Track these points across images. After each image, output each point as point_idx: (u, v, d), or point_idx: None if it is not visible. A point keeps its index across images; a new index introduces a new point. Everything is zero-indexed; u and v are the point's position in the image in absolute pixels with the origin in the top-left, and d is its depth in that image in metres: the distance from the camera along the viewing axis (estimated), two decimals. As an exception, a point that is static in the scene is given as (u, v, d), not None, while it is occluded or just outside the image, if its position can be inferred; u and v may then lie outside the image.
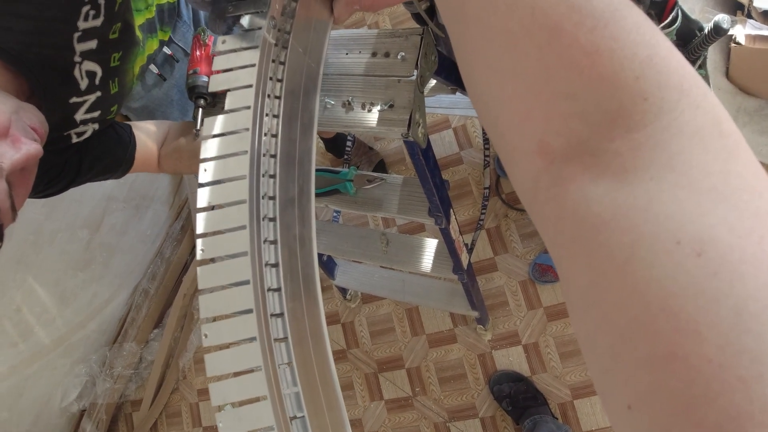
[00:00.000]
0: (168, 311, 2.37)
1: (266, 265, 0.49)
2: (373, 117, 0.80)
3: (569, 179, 0.27)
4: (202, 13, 1.10)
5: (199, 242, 0.48)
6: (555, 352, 1.72)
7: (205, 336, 0.44)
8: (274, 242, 0.51)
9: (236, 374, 0.44)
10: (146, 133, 0.98)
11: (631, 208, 0.24)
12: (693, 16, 0.82)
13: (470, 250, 1.29)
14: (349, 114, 0.82)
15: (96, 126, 0.86)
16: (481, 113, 0.33)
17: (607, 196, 0.25)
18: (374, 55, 0.84)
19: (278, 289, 0.49)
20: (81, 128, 0.83)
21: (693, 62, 0.79)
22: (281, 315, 0.48)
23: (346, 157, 1.84)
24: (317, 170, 1.12)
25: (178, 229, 2.42)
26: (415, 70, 0.80)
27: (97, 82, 0.80)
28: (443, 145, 2.00)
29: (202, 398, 2.27)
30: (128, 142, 0.95)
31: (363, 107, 0.81)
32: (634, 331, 0.22)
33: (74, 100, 0.78)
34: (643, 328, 0.22)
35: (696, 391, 0.20)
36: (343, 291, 1.95)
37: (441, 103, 1.71)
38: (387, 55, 0.83)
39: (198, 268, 0.46)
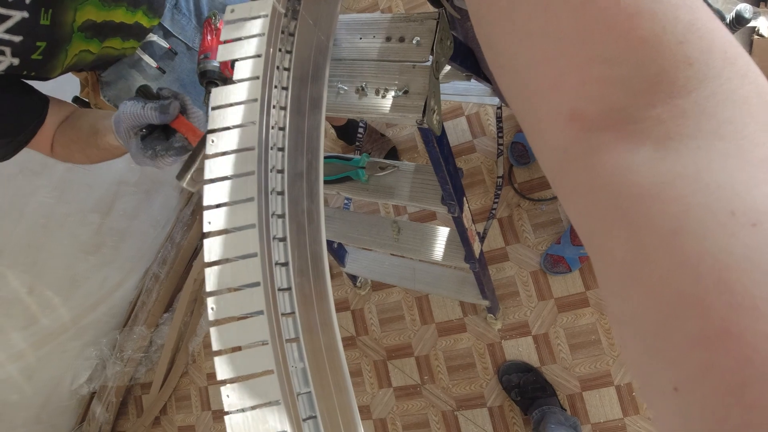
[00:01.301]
0: (178, 296, 2.38)
1: (274, 239, 0.48)
2: (387, 103, 0.78)
3: (605, 148, 0.26)
4: (204, 4, 1.08)
5: (206, 214, 0.47)
6: (565, 344, 1.71)
7: (212, 309, 0.44)
8: (282, 216, 0.50)
9: (243, 348, 0.43)
10: (59, 108, 0.92)
11: (678, 176, 0.22)
12: (716, 6, 0.79)
13: (482, 239, 1.28)
14: (363, 100, 0.80)
15: (14, 61, 0.77)
16: (504, 82, 0.31)
17: (649, 165, 0.23)
18: (388, 39, 0.82)
19: (286, 264, 0.48)
20: None
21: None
22: (289, 289, 0.47)
23: (357, 144, 1.83)
24: (329, 157, 1.11)
25: (188, 214, 2.42)
26: (431, 56, 0.78)
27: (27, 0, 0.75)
28: (456, 132, 1.98)
29: (211, 382, 2.29)
30: (39, 113, 0.87)
31: (377, 93, 0.79)
32: (684, 308, 0.21)
33: None
34: (693, 303, 0.20)
35: (751, 371, 0.18)
36: (353, 278, 1.94)
37: (455, 89, 1.68)
38: (402, 39, 0.82)
39: (205, 240, 0.46)
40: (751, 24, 1.00)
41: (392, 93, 0.78)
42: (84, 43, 0.88)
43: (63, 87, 0.98)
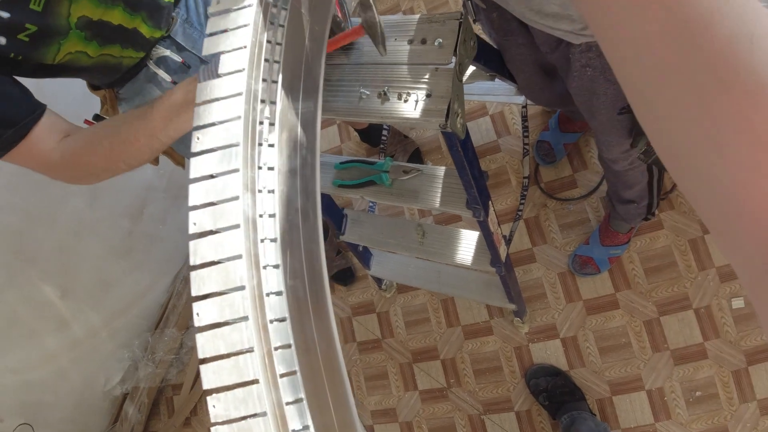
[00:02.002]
0: (207, 298, 2.41)
1: (263, 240, 0.46)
2: (409, 107, 0.77)
3: None
4: None
5: (191, 215, 0.45)
6: (594, 347, 1.68)
7: (197, 315, 0.42)
8: (273, 215, 0.48)
9: (227, 356, 0.41)
10: (60, 120, 0.86)
11: None
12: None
13: (508, 242, 1.26)
14: (385, 105, 0.79)
15: (0, 39, 0.76)
16: (679, 162, 0.29)
17: None
18: (410, 42, 0.81)
19: (276, 266, 0.46)
20: None
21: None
22: (280, 294, 0.45)
23: (381, 146, 1.82)
24: (351, 161, 1.10)
25: (216, 218, 2.45)
26: (454, 57, 0.77)
27: None
28: (480, 132, 1.96)
29: (239, 384, 2.31)
30: (32, 109, 0.82)
31: (399, 97, 0.78)
32: None
33: None
34: None
35: None
36: (379, 281, 1.94)
37: (479, 89, 1.67)
38: (423, 41, 0.81)
39: (190, 242, 0.44)
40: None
41: (415, 97, 0.77)
42: (82, 43, 0.88)
43: (83, 107, 0.94)
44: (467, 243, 1.24)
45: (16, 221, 1.67)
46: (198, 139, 0.47)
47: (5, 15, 0.76)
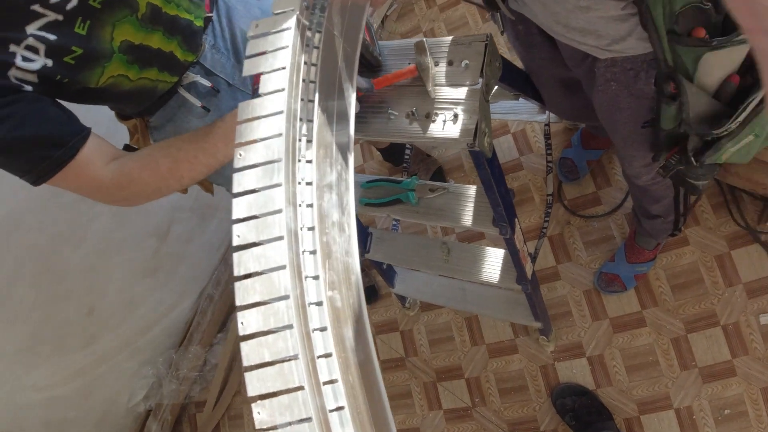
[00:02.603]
0: (232, 316, 2.44)
1: (303, 252, 0.48)
2: (437, 127, 0.79)
3: None
4: (240, 42, 1.09)
5: (234, 227, 0.47)
6: (621, 365, 1.66)
7: (241, 324, 0.44)
8: (312, 228, 0.50)
9: (272, 363, 0.42)
10: (105, 143, 0.88)
11: None
12: None
13: (533, 259, 1.26)
14: (413, 125, 0.81)
15: (47, 62, 0.79)
16: None
17: None
18: (437, 64, 0.83)
19: (316, 277, 0.48)
20: (27, 51, 0.77)
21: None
22: (320, 304, 0.47)
23: (405, 165, 1.84)
24: (378, 180, 1.12)
25: (240, 237, 2.49)
26: (480, 78, 0.79)
27: (67, 6, 0.78)
28: (501, 151, 1.97)
29: (262, 402, 2.32)
30: (78, 130, 0.83)
31: (427, 117, 0.80)
32: None
33: (35, 7, 0.75)
34: None
35: None
36: (402, 299, 1.94)
37: (502, 108, 1.69)
38: (450, 63, 0.83)
39: (234, 254, 0.46)
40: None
41: (443, 117, 0.79)
42: (124, 67, 0.91)
43: (113, 137, 0.95)
44: (492, 261, 1.24)
45: (44, 240, 1.71)
46: (240, 155, 0.50)
47: (52, 37, 0.79)
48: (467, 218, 1.02)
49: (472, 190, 1.04)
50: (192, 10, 1.01)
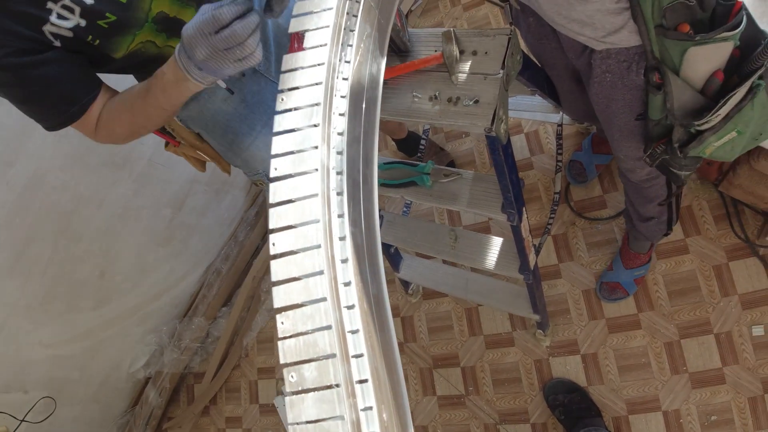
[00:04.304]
0: (237, 291, 2.49)
1: (332, 190, 0.55)
2: (458, 111, 0.84)
3: None
4: (270, 29, 1.12)
5: (273, 161, 0.54)
6: (614, 365, 1.71)
7: (273, 245, 0.50)
8: (341, 173, 0.56)
9: (298, 278, 0.49)
10: (110, 92, 0.97)
11: None
12: (762, 26, 0.82)
13: (537, 252, 1.31)
14: (436, 107, 0.87)
15: (81, 21, 0.84)
16: None
17: None
18: (462, 53, 0.88)
19: (341, 216, 0.54)
20: (63, 9, 0.82)
21: (753, 72, 0.80)
22: (343, 239, 0.53)
23: (419, 155, 1.89)
24: (396, 162, 1.17)
25: (252, 215, 2.55)
26: (502, 69, 0.84)
27: None
28: (514, 149, 2.01)
29: (261, 377, 2.38)
30: (92, 87, 0.93)
31: (449, 101, 0.85)
32: None
33: None
34: None
35: None
36: (406, 285, 1.99)
37: (518, 105, 1.73)
38: (474, 53, 0.88)
39: (271, 185, 0.52)
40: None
41: (464, 102, 0.84)
42: (153, 34, 0.96)
43: None
44: (497, 249, 1.29)
45: (66, 200, 1.76)
46: (282, 100, 0.56)
47: (90, 1, 0.84)
48: (478, 203, 1.07)
49: (484, 177, 1.09)
50: None
